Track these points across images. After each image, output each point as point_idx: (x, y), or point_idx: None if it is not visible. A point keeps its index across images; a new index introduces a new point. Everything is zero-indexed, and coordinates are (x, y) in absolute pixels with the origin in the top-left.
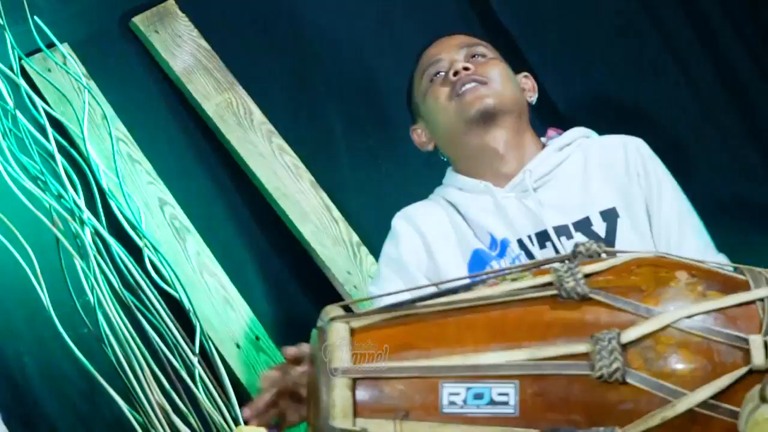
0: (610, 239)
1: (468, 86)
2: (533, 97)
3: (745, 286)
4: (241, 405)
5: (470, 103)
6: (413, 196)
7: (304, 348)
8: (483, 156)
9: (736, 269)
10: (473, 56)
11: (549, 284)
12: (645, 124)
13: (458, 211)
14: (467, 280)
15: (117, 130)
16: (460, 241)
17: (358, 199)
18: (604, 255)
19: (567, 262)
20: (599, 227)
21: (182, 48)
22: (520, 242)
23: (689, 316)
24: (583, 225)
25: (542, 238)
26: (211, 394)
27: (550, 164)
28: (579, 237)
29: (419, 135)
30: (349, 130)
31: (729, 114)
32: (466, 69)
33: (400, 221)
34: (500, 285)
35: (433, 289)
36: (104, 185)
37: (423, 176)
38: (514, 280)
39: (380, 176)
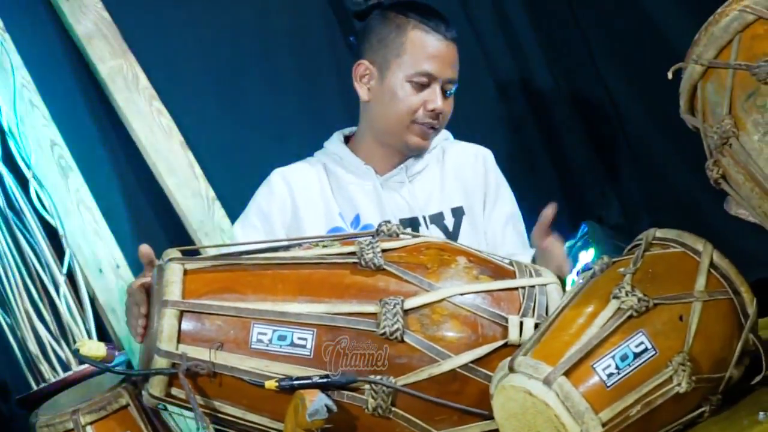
0: (455, 232)
1: (426, 129)
2: None
3: (512, 275)
4: (96, 321)
5: (417, 142)
6: (266, 164)
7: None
8: (387, 151)
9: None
10: (449, 81)
11: (352, 253)
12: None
13: (331, 185)
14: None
15: (22, 77)
16: (325, 213)
17: (219, 161)
18: (401, 236)
19: (371, 237)
20: (449, 221)
21: (86, 16)
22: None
23: (462, 294)
24: (437, 218)
25: (404, 224)
26: (71, 309)
27: (422, 164)
28: (433, 228)
29: (364, 70)
30: (221, 102)
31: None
32: (437, 117)
33: (278, 178)
34: (313, 249)
35: (257, 246)
36: (4, 124)
37: (276, 148)
38: (325, 246)
39: (241, 144)
